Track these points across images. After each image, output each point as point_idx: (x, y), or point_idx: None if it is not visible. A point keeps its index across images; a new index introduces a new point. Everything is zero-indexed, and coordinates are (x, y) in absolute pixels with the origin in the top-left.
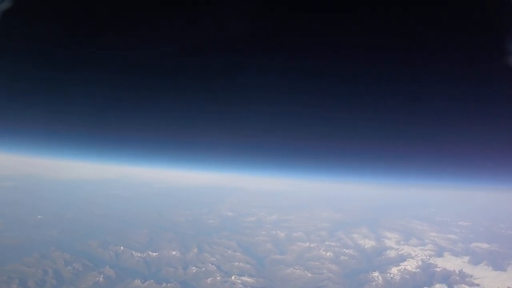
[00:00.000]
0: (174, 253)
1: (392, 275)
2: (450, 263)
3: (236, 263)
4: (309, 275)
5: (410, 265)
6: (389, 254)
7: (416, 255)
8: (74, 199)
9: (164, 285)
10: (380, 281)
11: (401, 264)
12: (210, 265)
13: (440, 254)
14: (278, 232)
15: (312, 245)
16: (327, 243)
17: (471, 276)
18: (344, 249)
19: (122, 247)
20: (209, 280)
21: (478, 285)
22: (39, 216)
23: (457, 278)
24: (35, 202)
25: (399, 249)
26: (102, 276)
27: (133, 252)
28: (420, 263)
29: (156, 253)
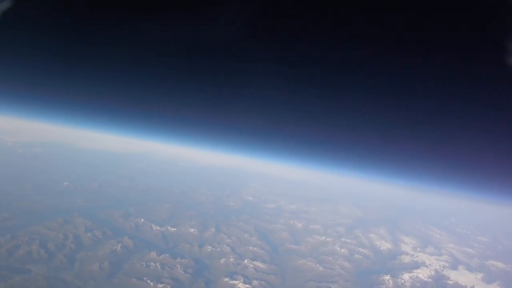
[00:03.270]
0: (192, 230)
1: (403, 281)
2: (463, 277)
3: (251, 248)
4: (321, 268)
5: (423, 274)
6: (404, 259)
7: (430, 264)
8: (101, 170)
9: (178, 260)
10: (390, 285)
11: (414, 271)
12: (225, 246)
13: (454, 267)
14: (296, 222)
15: (328, 239)
16: (343, 239)
17: None
18: (360, 248)
19: (142, 220)
20: (222, 260)
21: None
22: (65, 183)
23: None
24: (63, 170)
25: (414, 256)
26: (120, 245)
27: (153, 226)
28: (433, 273)
29: (175, 229)
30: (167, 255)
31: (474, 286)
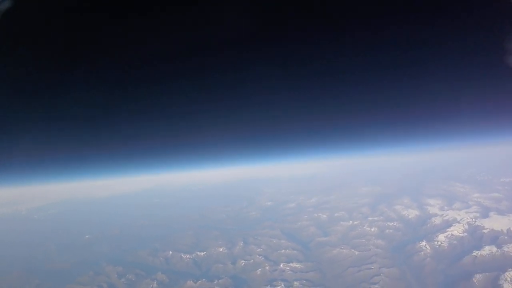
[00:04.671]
0: (221, 249)
1: (439, 243)
2: (497, 223)
3: (283, 251)
4: (356, 253)
5: (457, 230)
6: (434, 221)
7: (461, 219)
8: (117, 214)
9: (216, 281)
10: (428, 250)
11: (447, 230)
12: (257, 256)
13: (485, 215)
14: (320, 214)
15: (355, 222)
16: (370, 218)
17: None
18: (388, 222)
19: (170, 252)
20: (258, 271)
21: None
22: (87, 236)
23: (506, 237)
24: (81, 224)
25: (444, 215)
26: (155, 282)
27: (182, 255)
28: (466, 226)
29: (204, 252)
30: (204, 280)
31: (510, 227)
